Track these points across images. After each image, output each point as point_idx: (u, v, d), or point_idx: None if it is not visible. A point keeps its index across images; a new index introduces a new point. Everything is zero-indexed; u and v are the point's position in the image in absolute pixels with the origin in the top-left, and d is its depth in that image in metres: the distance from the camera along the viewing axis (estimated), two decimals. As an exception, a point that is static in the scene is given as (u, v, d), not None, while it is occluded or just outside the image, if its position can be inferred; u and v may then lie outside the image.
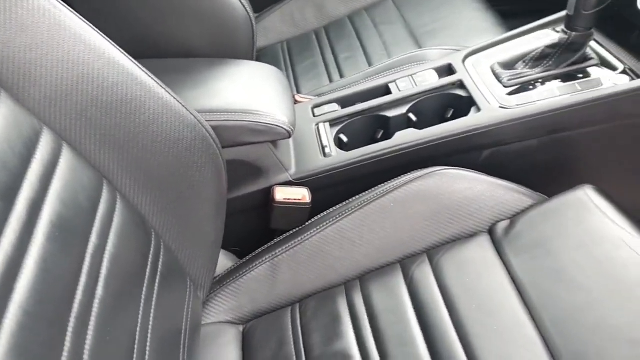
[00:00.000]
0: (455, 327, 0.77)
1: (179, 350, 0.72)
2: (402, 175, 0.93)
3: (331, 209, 0.94)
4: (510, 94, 1.01)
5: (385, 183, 0.93)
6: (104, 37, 0.69)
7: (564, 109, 0.94)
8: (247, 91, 0.93)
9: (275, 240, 0.93)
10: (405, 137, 0.98)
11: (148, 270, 0.68)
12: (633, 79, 0.96)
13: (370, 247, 0.90)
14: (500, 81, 1.03)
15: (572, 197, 0.87)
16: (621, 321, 0.72)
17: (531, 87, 1.01)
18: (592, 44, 1.04)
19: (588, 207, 0.85)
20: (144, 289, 0.66)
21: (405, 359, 0.76)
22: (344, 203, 0.93)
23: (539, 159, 0.99)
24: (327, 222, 0.91)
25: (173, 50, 1.02)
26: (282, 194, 0.93)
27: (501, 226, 0.88)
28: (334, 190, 0.98)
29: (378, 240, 0.90)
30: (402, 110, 1.05)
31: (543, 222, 0.86)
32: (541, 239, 0.84)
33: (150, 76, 0.72)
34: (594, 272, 0.78)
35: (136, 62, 0.71)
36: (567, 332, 0.73)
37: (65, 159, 0.61)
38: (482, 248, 0.87)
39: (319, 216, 0.94)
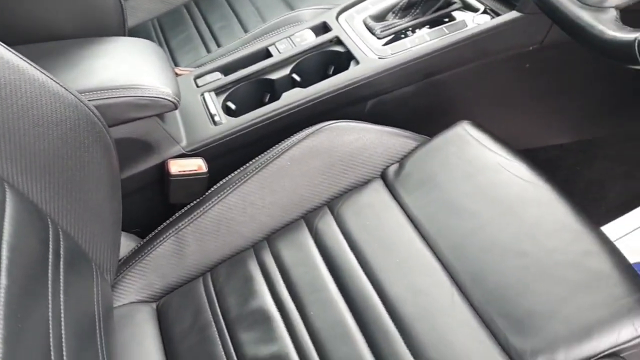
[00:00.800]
0: (362, 267, 0.82)
1: (95, 335, 0.71)
2: (295, 134, 0.95)
3: (229, 176, 0.94)
4: (385, 44, 1.05)
5: (279, 144, 0.94)
6: (-35, 22, 0.65)
7: (435, 53, 1.00)
8: (126, 66, 0.91)
9: (177, 214, 0.93)
10: (292, 97, 1.00)
11: (50, 258, 0.66)
12: (493, 18, 1.03)
13: (273, 208, 0.92)
14: (374, 33, 1.07)
15: (451, 134, 0.93)
16: (508, 237, 0.79)
17: (403, 36, 1.06)
18: (454, -11, 1.10)
19: (467, 140, 0.92)
20: (50, 275, 0.64)
21: (320, 303, 0.79)
22: (242, 168, 0.94)
23: (418, 102, 1.05)
24: (227, 189, 0.92)
25: (42, 34, 0.97)
26: (177, 167, 0.93)
27: (392, 170, 0.93)
28: (229, 157, 0.98)
29: (280, 200, 0.92)
30: (285, 71, 1.07)
31: (429, 160, 0.92)
32: (429, 176, 0.89)
33: (22, 59, 0.69)
34: (479, 197, 0.84)
35: (5, 46, 0.68)
36: (462, 255, 0.79)
37: (-58, 153, 0.58)
38: (377, 192, 0.91)
39: (218, 184, 0.94)
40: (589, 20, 0.68)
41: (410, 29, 1.07)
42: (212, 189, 0.94)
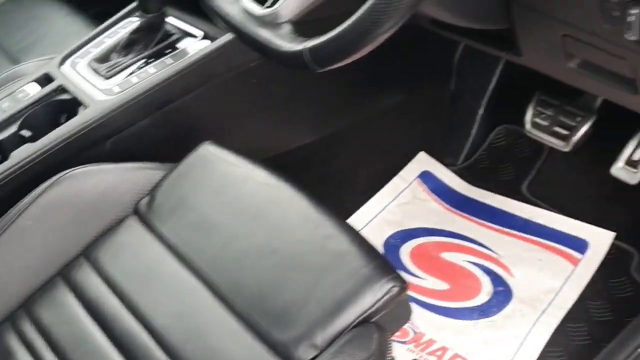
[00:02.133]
0: (127, 307, 0.81)
1: None
2: (32, 191, 0.91)
3: (-37, 251, 0.88)
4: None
5: (15, 205, 0.89)
6: None
7: (162, 84, 1.02)
8: None
9: None
10: (22, 154, 0.95)
11: None
12: (213, 42, 1.08)
13: (24, 272, 0.87)
14: (100, 75, 1.07)
15: (195, 157, 0.96)
16: (259, 240, 0.84)
17: (130, 73, 1.07)
18: (171, 19, 1.14)
19: (210, 160, 0.95)
20: None
21: (87, 356, 0.77)
22: (-23, 239, 0.88)
23: (158, 133, 1.06)
24: (-35, 265, 0.85)
25: None
26: None
27: (143, 203, 0.94)
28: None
29: (29, 263, 0.88)
30: (12, 129, 1.01)
31: (177, 186, 0.94)
32: (180, 201, 0.91)
33: None
34: (229, 210, 0.88)
35: None
36: (221, 268, 0.82)
37: None
38: (132, 229, 0.91)
39: (-46, 263, 0.87)
40: (267, 37, 0.75)
41: (135, 64, 1.08)
42: (-52, 269, 0.87)
